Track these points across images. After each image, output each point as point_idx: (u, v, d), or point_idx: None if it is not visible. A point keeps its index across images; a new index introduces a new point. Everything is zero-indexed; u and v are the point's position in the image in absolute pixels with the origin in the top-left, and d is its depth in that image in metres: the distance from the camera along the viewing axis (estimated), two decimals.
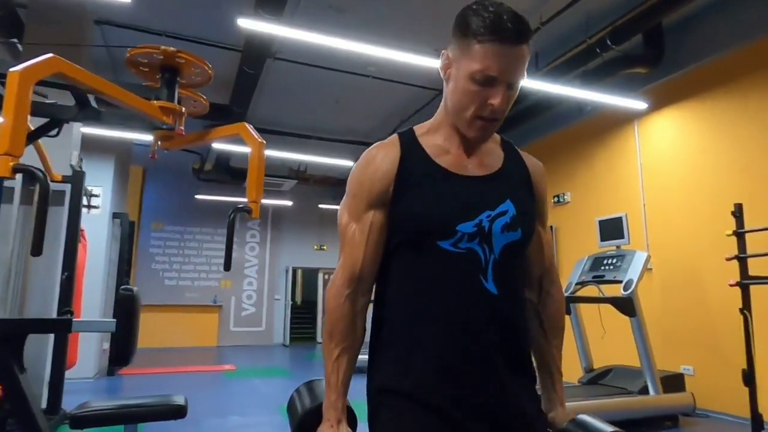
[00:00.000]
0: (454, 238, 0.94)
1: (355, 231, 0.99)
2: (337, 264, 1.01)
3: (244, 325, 10.82)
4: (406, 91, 6.58)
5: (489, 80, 0.91)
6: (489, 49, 0.89)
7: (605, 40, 4.62)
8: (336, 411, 0.96)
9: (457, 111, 0.97)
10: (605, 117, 5.68)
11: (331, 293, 1.00)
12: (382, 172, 0.99)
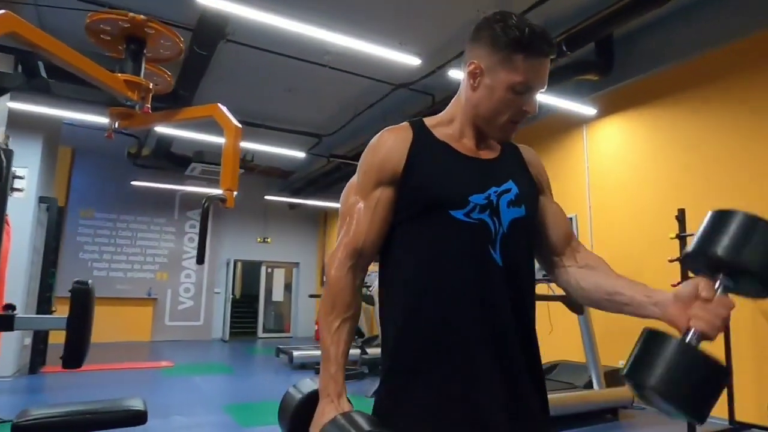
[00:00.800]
0: (466, 208, 0.98)
1: (361, 207, 1.01)
2: (338, 240, 1.02)
3: (180, 320, 10.34)
4: (362, 84, 6.49)
5: (526, 90, 0.98)
6: (530, 62, 0.96)
7: (561, 45, 4.75)
8: (336, 384, 0.95)
9: (491, 117, 1.02)
10: (557, 120, 5.86)
11: (333, 265, 1.00)
12: (393, 150, 1.02)
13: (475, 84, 1.02)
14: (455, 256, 0.97)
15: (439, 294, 0.95)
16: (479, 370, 0.93)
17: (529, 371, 0.98)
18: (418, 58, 4.60)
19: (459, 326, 0.94)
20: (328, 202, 10.52)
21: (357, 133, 8.26)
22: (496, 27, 0.98)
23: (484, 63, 1.00)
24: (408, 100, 6.88)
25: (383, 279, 1.05)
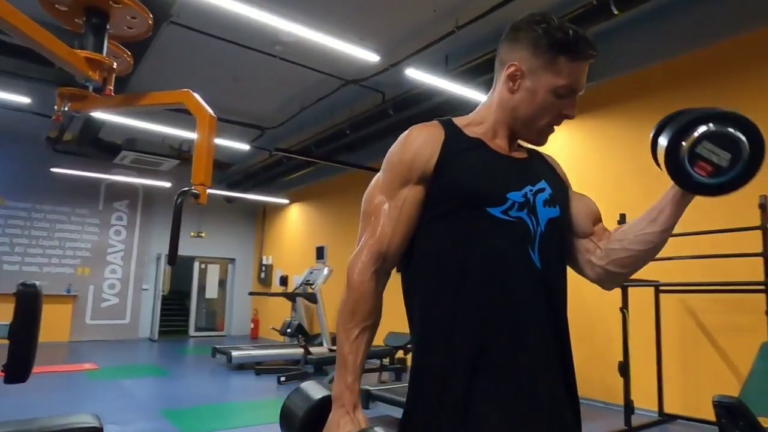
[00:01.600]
0: (504, 206, 0.94)
1: (387, 207, 0.97)
2: (361, 240, 0.98)
3: (103, 318, 9.65)
4: (312, 77, 6.33)
5: (568, 93, 0.97)
6: (575, 66, 0.96)
7: None
8: (353, 395, 0.91)
9: (531, 120, 1.00)
10: None
11: (355, 269, 0.96)
12: (424, 147, 0.98)
13: (515, 87, 1.00)
14: (495, 255, 0.92)
15: (478, 297, 0.91)
16: (521, 379, 0.89)
17: (565, 380, 0.95)
18: (377, 55, 4.54)
19: (500, 331, 0.90)
20: (268, 197, 10.23)
21: (302, 128, 8.07)
22: (538, 29, 0.96)
23: (525, 65, 0.98)
24: (358, 97, 6.80)
25: (409, 279, 1.01)
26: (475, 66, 5.23)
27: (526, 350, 0.90)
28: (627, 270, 1.00)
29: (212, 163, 1.70)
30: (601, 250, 1.02)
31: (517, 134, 1.04)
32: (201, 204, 1.74)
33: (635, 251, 0.97)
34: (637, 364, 4.15)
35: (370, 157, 7.82)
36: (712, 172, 0.83)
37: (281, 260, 10.64)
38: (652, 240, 0.95)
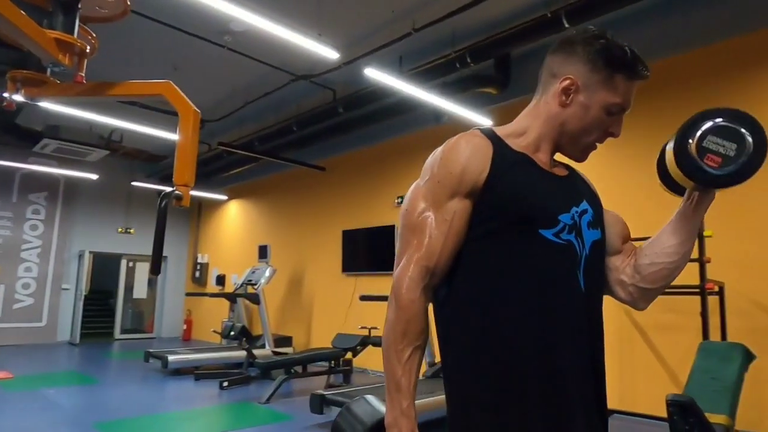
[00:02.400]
0: (556, 228, 0.93)
1: (433, 220, 0.92)
2: (405, 254, 0.93)
3: (16, 321, 8.81)
4: (260, 71, 6.11)
5: (620, 111, 0.97)
6: (630, 85, 0.96)
7: (466, 56, 4.97)
8: (409, 420, 0.87)
9: (579, 135, 0.99)
10: (455, 128, 6.10)
11: (404, 286, 0.90)
12: (474, 158, 0.94)
13: (567, 100, 0.98)
14: (546, 280, 0.90)
15: (527, 321, 0.89)
16: (565, 403, 0.88)
17: (598, 404, 0.95)
18: (337, 52, 4.44)
19: (548, 356, 0.88)
20: (205, 192, 9.78)
21: (245, 122, 7.79)
22: (596, 44, 0.95)
23: (581, 80, 0.97)
24: (307, 93, 6.66)
25: (448, 299, 0.95)
26: (429, 69, 5.27)
27: (571, 377, 0.89)
28: (659, 285, 1.01)
29: (195, 162, 1.57)
30: (631, 268, 1.03)
31: (561, 149, 1.03)
32: (184, 207, 1.59)
33: (665, 264, 0.98)
34: None
35: (316, 155, 7.70)
36: (721, 163, 0.87)
37: (218, 259, 10.21)
38: (677, 251, 0.97)
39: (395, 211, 6.74)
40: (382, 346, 0.92)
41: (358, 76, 6.02)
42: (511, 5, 4.66)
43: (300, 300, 7.91)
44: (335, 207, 7.65)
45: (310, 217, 8.04)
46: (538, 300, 0.89)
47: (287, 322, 8.02)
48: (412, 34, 5.01)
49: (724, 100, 4.29)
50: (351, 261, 7.14)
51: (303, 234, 8.10)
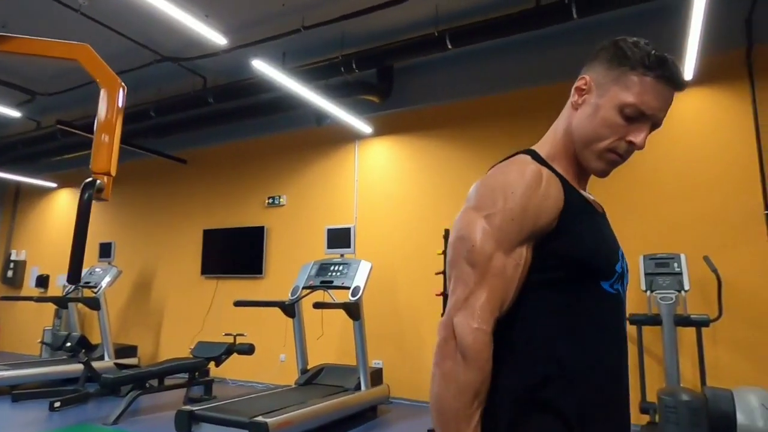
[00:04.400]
0: (612, 279, 0.89)
1: (506, 265, 0.82)
2: (467, 297, 0.81)
3: None
4: (119, 45, 5.39)
5: (637, 116, 0.86)
6: (649, 83, 0.85)
7: (352, 62, 4.99)
8: None
9: (589, 140, 0.90)
10: (334, 131, 6.08)
11: (474, 339, 0.78)
12: (552, 199, 0.85)
13: (579, 101, 0.92)
14: (608, 332, 0.87)
15: (590, 375, 0.84)
16: None
17: None
18: (224, 38, 4.11)
19: (605, 409, 0.86)
20: (26, 177, 8.27)
21: (88, 100, 6.80)
22: (623, 44, 0.88)
23: (595, 79, 0.90)
24: (171, 77, 6.06)
25: (503, 342, 0.84)
26: (313, 69, 5.17)
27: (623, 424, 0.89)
28: None
29: (119, 145, 1.28)
30: None
31: (580, 161, 0.93)
32: (104, 200, 1.29)
33: None
34: None
35: (178, 145, 7.03)
36: None
37: (40, 256, 8.70)
38: None
39: (266, 211, 6.46)
40: (439, 408, 0.80)
41: (234, 66, 5.66)
42: (403, 19, 4.80)
43: (148, 305, 7.11)
44: (196, 204, 7.05)
45: (166, 214, 7.29)
46: (596, 354, 0.85)
47: (132, 329, 7.14)
48: (301, 31, 4.87)
49: None
50: (212, 263, 6.64)
51: (156, 232, 7.31)
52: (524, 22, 4.33)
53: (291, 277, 5.71)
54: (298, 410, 3.72)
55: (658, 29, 4.25)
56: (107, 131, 1.23)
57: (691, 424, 2.47)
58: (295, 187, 6.33)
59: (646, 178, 4.51)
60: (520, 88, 4.98)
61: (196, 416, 3.59)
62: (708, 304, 3.96)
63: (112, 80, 1.31)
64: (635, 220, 4.46)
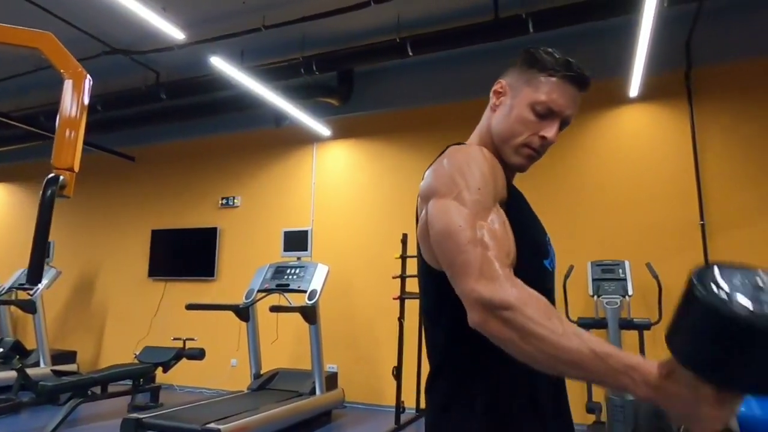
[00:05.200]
0: (549, 257, 0.97)
1: (493, 228, 0.81)
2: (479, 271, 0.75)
3: None
4: (66, 34, 5.06)
5: (547, 113, 0.94)
6: (556, 83, 0.93)
7: (312, 64, 4.96)
8: (639, 368, 0.65)
9: (506, 137, 0.97)
10: (292, 133, 6.01)
11: (498, 285, 0.73)
12: (501, 172, 0.93)
13: (497, 103, 1.00)
14: None
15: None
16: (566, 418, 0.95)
17: None
18: (182, 33, 3.99)
19: (547, 384, 0.92)
20: None
21: (23, 92, 6.41)
22: (534, 52, 0.98)
23: (509, 82, 0.99)
24: (121, 70, 5.80)
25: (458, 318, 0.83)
26: (273, 69, 5.11)
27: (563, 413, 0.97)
28: None
29: (82, 140, 1.21)
30: None
31: (501, 158, 0.99)
32: (66, 197, 1.21)
33: None
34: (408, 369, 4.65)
35: (125, 142, 6.73)
36: None
37: None
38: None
39: (219, 212, 6.30)
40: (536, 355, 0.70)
41: (189, 62, 5.49)
42: (365, 24, 4.81)
43: (89, 308, 6.75)
44: (145, 203, 6.77)
45: (111, 213, 6.95)
46: None
47: (70, 334, 6.76)
48: (262, 30, 4.80)
49: None
50: (161, 264, 6.40)
51: (100, 231, 6.95)
52: (483, 34, 4.46)
53: (244, 280, 5.57)
54: (253, 416, 3.65)
55: (607, 47, 4.48)
56: (71, 124, 1.16)
57: (636, 422, 2.62)
58: (251, 188, 6.21)
59: (594, 189, 4.73)
60: (479, 97, 5.08)
61: (144, 424, 3.45)
62: (648, 309, 4.19)
63: (77, 71, 1.25)
64: (584, 229, 4.67)
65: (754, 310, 0.58)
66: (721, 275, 0.64)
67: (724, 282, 0.63)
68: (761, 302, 0.59)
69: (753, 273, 0.64)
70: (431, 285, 0.94)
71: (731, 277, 0.63)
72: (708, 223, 4.34)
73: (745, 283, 0.62)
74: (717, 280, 0.63)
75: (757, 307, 0.59)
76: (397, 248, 4.71)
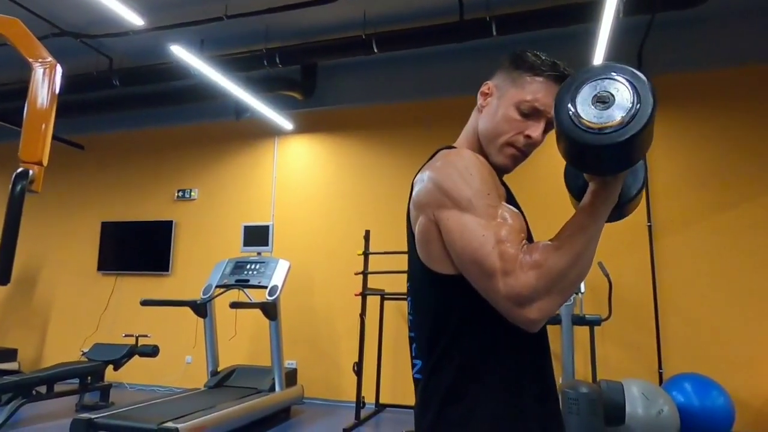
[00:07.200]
0: None
1: (505, 211, 0.86)
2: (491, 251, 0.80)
3: None
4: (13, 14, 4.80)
5: (532, 112, 0.96)
6: (541, 83, 0.96)
7: (275, 56, 4.89)
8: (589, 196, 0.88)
9: (492, 137, 0.99)
10: (253, 125, 5.89)
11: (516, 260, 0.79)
12: (495, 174, 0.95)
13: (484, 104, 1.02)
14: None
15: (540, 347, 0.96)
16: None
17: None
18: (141, 19, 3.84)
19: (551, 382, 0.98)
20: None
21: None
22: (521, 53, 1.00)
23: (496, 84, 1.02)
24: (70, 53, 5.48)
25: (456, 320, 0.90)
26: (234, 60, 5.00)
27: None
28: None
29: (50, 132, 1.14)
30: None
31: (487, 158, 1.01)
32: (34, 193, 1.14)
33: None
34: (368, 365, 4.68)
35: (72, 130, 6.40)
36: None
37: None
38: None
39: (174, 205, 6.10)
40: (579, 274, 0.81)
41: (144, 48, 5.29)
42: (330, 18, 4.77)
43: (31, 304, 6.40)
44: (94, 194, 6.47)
45: (56, 203, 6.59)
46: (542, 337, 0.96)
47: (10, 331, 6.38)
48: (223, 20, 4.67)
49: None
50: (111, 258, 6.14)
51: (44, 223, 6.59)
52: (448, 34, 4.53)
53: (200, 275, 5.43)
54: (211, 414, 3.58)
55: (567, 53, 4.62)
56: (41, 116, 1.09)
57: (590, 413, 2.75)
58: (209, 181, 6.05)
59: (552, 190, 4.89)
60: (442, 97, 5.19)
61: (96, 425, 3.32)
62: (599, 305, 4.39)
63: (44, 57, 1.18)
64: (542, 229, 4.82)
65: (594, 132, 0.76)
66: (575, 102, 0.79)
67: (576, 111, 0.78)
68: (600, 119, 0.76)
69: (603, 83, 0.79)
70: (434, 289, 0.93)
71: (582, 102, 0.79)
72: (654, 225, 4.59)
73: (594, 98, 0.78)
74: (567, 103, 0.80)
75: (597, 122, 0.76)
76: (358, 244, 4.72)
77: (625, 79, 0.78)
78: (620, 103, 0.76)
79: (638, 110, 0.75)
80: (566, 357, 3.93)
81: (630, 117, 0.75)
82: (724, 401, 3.78)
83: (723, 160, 4.54)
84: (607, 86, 0.78)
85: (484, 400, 0.87)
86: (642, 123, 0.74)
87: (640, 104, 0.75)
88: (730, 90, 4.62)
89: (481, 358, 0.89)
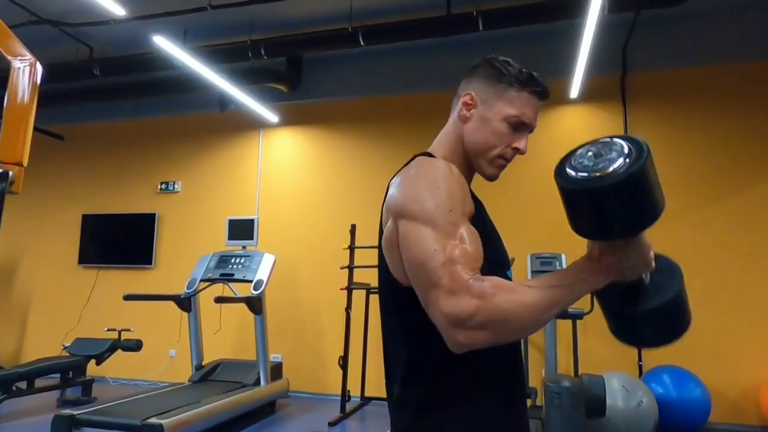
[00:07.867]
0: (510, 267, 1.03)
1: (464, 232, 0.85)
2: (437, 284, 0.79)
3: None
4: None
5: (519, 126, 1.00)
6: (527, 98, 1.00)
7: (260, 48, 4.84)
8: (585, 267, 0.85)
9: (482, 150, 1.02)
10: (238, 117, 5.82)
11: (465, 288, 0.77)
12: (467, 189, 0.96)
13: (468, 115, 1.03)
14: None
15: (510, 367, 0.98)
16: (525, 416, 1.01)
17: None
18: (123, 9, 3.76)
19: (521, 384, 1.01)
20: None
21: None
22: (496, 63, 1.02)
23: (479, 95, 1.02)
24: (49, 42, 5.37)
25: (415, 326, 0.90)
26: (218, 51, 4.93)
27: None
28: None
29: (31, 131, 1.11)
30: None
31: (469, 166, 1.05)
32: (14, 194, 1.11)
33: None
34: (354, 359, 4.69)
35: (51, 120, 6.26)
36: None
37: None
38: None
39: (157, 197, 6.03)
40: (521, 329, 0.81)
41: (126, 38, 5.19)
42: (316, 10, 4.73)
43: (10, 298, 6.28)
44: (75, 186, 6.36)
45: (35, 196, 6.44)
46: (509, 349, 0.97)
47: None
48: (207, 10, 4.60)
49: None
50: (92, 251, 6.05)
51: (23, 215, 6.44)
52: (435, 28, 4.52)
53: (184, 269, 5.38)
54: (195, 409, 3.57)
55: (552, 49, 4.66)
56: (21, 115, 1.07)
57: (572, 407, 2.80)
58: (193, 173, 5.98)
59: (532, 184, 4.94)
60: (428, 90, 5.18)
61: (78, 421, 3.29)
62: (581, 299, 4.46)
63: (25, 57, 1.15)
64: (523, 223, 4.87)
65: (589, 177, 0.77)
66: (571, 160, 0.83)
67: (572, 164, 0.81)
68: (596, 167, 0.78)
69: (598, 144, 0.83)
70: (396, 298, 0.95)
71: (579, 158, 0.82)
72: None
73: (589, 155, 0.81)
74: (566, 166, 0.82)
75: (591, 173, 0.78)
76: (344, 238, 4.71)
77: (617, 137, 0.82)
78: (617, 150, 0.79)
79: (636, 152, 0.78)
80: (549, 350, 3.99)
81: (628, 155, 0.78)
82: (701, 393, 3.88)
83: (703, 156, 4.62)
84: (600, 147, 0.82)
85: (454, 410, 0.90)
86: (642, 161, 0.77)
87: (636, 150, 0.79)
88: (712, 87, 4.70)
89: (452, 367, 0.90)
